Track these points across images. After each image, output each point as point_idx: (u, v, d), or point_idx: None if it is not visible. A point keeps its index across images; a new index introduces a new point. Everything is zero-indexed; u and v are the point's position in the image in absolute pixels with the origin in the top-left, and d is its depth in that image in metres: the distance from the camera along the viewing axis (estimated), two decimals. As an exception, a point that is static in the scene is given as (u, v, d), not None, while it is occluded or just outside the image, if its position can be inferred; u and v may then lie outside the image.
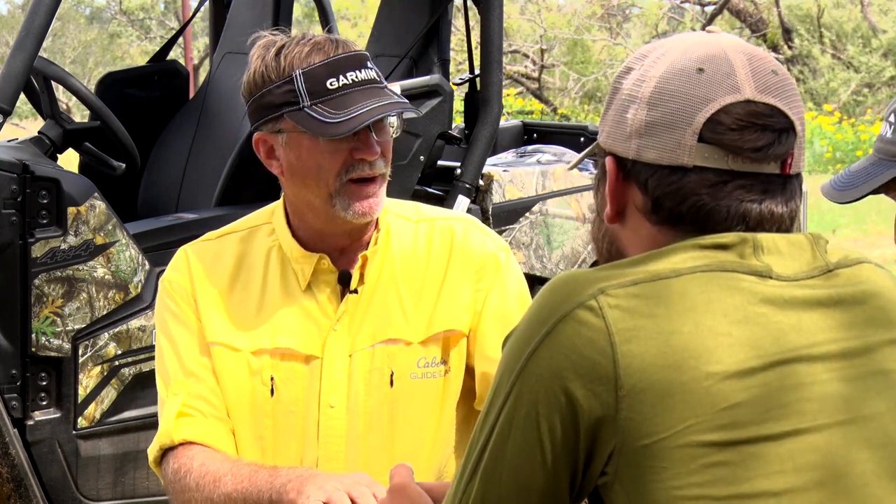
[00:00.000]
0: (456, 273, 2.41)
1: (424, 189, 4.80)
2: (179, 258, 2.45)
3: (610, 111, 1.66)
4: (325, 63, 2.31)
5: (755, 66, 1.62)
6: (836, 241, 11.11)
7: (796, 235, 1.63)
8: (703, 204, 1.59)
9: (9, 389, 4.17)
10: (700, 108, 1.59)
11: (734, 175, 1.59)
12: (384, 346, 2.37)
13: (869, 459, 1.56)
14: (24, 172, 4.15)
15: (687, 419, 1.49)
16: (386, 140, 2.36)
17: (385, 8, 5.45)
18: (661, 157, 1.60)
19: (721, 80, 1.60)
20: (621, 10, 23.93)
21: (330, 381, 2.37)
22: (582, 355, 1.51)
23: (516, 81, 21.96)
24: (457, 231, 2.44)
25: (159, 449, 2.39)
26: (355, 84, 2.31)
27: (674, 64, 1.62)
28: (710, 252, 1.57)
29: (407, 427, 2.38)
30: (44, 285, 4.16)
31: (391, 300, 2.39)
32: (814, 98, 20.49)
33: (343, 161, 2.32)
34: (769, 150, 1.59)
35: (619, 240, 1.67)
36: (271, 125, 2.35)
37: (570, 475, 1.54)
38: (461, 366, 2.41)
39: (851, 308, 1.60)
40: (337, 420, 2.37)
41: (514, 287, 2.44)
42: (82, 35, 29.82)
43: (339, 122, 2.29)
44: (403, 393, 2.37)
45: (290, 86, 2.31)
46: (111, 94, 5.30)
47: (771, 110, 1.60)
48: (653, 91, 1.62)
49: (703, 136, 1.59)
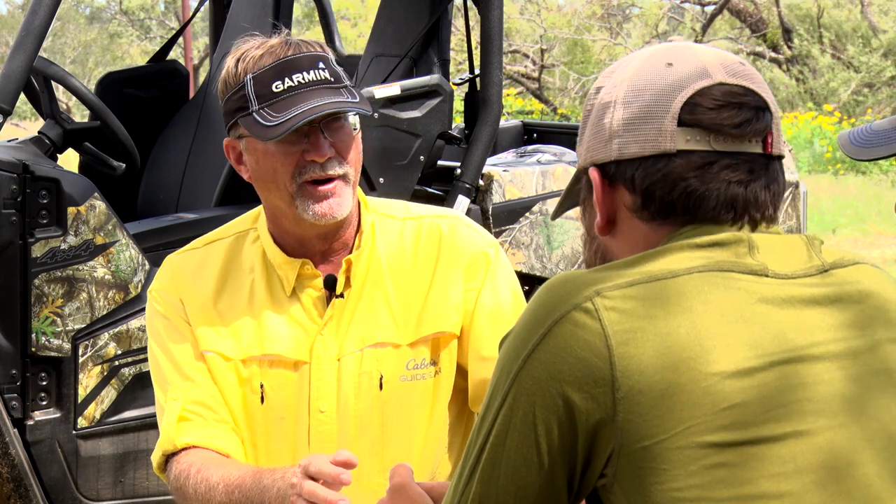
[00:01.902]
0: (444, 272, 2.40)
1: (424, 189, 4.80)
2: (165, 268, 2.46)
3: (586, 130, 1.68)
4: (272, 66, 2.31)
5: (722, 58, 1.65)
6: (836, 241, 11.11)
7: (790, 236, 1.63)
8: (693, 189, 1.60)
9: (9, 389, 4.16)
10: (675, 94, 1.62)
11: (719, 155, 1.60)
12: (372, 349, 2.36)
13: (871, 460, 1.56)
14: (24, 172, 4.14)
15: (686, 420, 1.48)
16: (342, 140, 2.33)
17: (385, 8, 5.45)
18: (644, 149, 1.61)
19: (691, 69, 1.63)
20: (621, 10, 23.93)
21: (319, 386, 2.36)
22: (578, 358, 1.51)
23: (516, 81, 21.96)
24: (444, 229, 2.43)
25: (162, 455, 2.39)
26: (301, 85, 2.30)
27: (642, 65, 1.65)
28: (706, 251, 1.57)
29: (397, 429, 2.37)
30: (44, 285, 4.16)
31: (378, 302, 2.38)
32: (814, 98, 20.49)
33: (295, 163, 2.32)
34: (748, 126, 1.61)
35: (612, 251, 1.67)
36: (234, 131, 2.37)
37: (567, 477, 1.54)
38: (452, 366, 2.40)
39: (850, 307, 1.60)
40: (327, 425, 2.37)
41: (506, 284, 2.42)
42: (82, 35, 29.83)
43: (276, 124, 2.28)
44: (393, 396, 2.36)
45: (243, 91, 2.32)
46: (111, 94, 5.30)
47: (744, 90, 1.63)
48: (626, 91, 1.64)
49: (683, 120, 1.61)
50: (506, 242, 4.92)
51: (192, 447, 2.36)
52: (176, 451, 2.37)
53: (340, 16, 24.19)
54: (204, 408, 2.37)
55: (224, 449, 2.36)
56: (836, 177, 15.45)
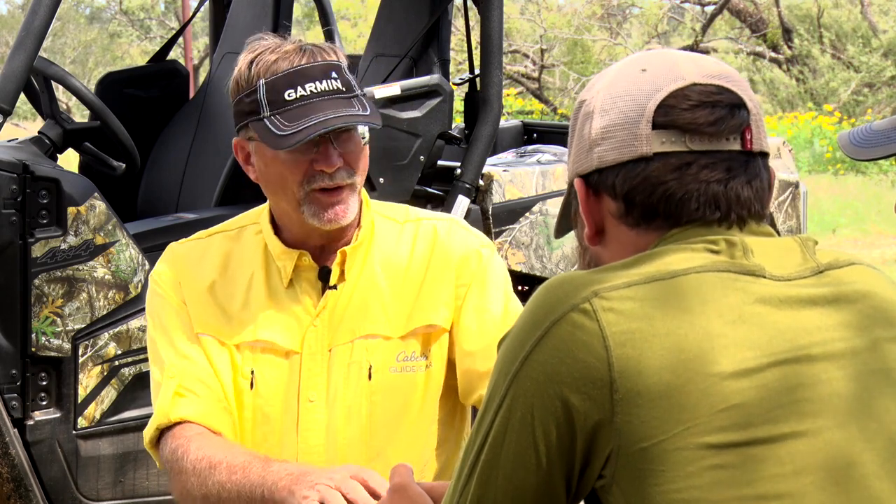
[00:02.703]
0: (437, 270, 2.43)
1: (424, 189, 4.80)
2: (167, 255, 2.50)
3: (572, 144, 1.69)
4: (286, 73, 2.34)
5: (698, 60, 1.66)
6: (836, 241, 11.10)
7: (784, 239, 1.64)
8: (672, 192, 1.60)
9: (9, 389, 4.16)
10: (649, 98, 1.62)
11: (696, 155, 1.60)
12: (363, 340, 2.40)
13: (871, 461, 1.55)
14: (24, 172, 4.14)
15: (685, 422, 1.48)
16: (351, 151, 2.37)
17: (385, 8, 5.45)
18: (623, 154, 1.62)
19: (665, 72, 1.63)
20: (621, 10, 23.93)
21: (309, 375, 2.40)
22: (576, 359, 1.51)
23: (516, 81, 21.96)
24: (440, 229, 2.47)
25: (156, 429, 2.40)
26: (314, 95, 2.33)
27: (618, 73, 1.67)
28: (702, 253, 1.57)
29: (385, 420, 2.40)
30: (44, 285, 4.16)
31: (372, 296, 2.41)
32: (814, 98, 20.49)
33: (304, 172, 2.35)
34: (723, 125, 1.61)
35: (604, 260, 1.67)
36: (244, 132, 2.40)
37: (565, 478, 1.54)
38: (443, 362, 2.43)
39: (848, 307, 1.60)
40: (317, 414, 2.40)
41: (497, 283, 2.45)
42: (82, 35, 29.83)
43: (288, 134, 2.32)
44: (382, 386, 2.39)
45: (255, 95, 2.35)
46: (111, 94, 5.30)
47: (719, 89, 1.63)
48: (602, 100, 1.65)
49: (657, 123, 1.61)
50: (506, 242, 4.92)
51: (187, 422, 2.38)
52: (170, 424, 2.38)
53: (340, 16, 24.18)
54: (200, 384, 2.39)
55: (217, 427, 2.38)
56: (836, 177, 15.45)
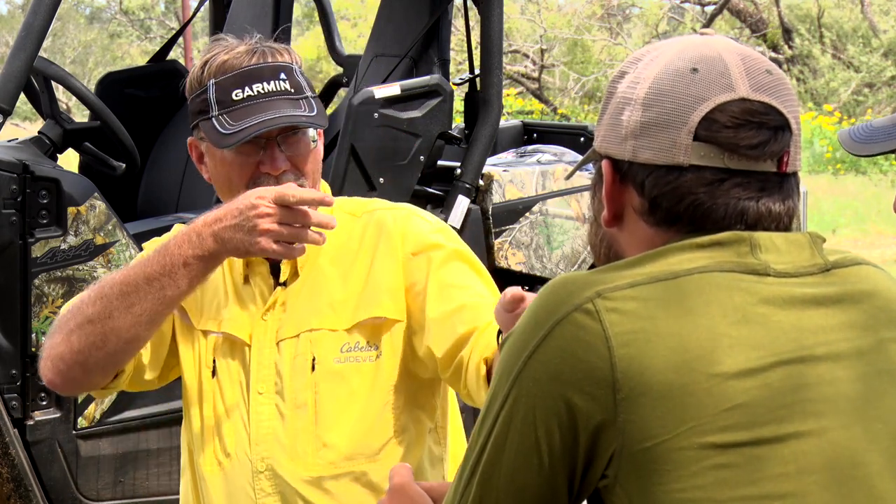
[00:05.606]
0: (383, 260, 2.43)
1: (424, 189, 4.80)
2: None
3: (605, 115, 1.67)
4: (236, 73, 2.37)
5: (749, 66, 1.62)
6: (836, 241, 11.11)
7: (795, 234, 1.62)
8: (701, 203, 1.59)
9: (9, 389, 4.17)
10: (695, 106, 1.59)
11: (731, 173, 1.59)
12: (308, 334, 2.44)
13: (875, 461, 1.55)
14: (24, 172, 4.15)
15: (688, 421, 1.48)
16: (299, 153, 2.40)
17: (385, 8, 5.45)
18: (658, 157, 1.60)
19: (715, 79, 1.60)
20: (621, 10, 23.93)
21: (258, 368, 2.45)
22: (579, 359, 1.50)
23: (516, 81, 21.96)
24: (389, 219, 2.47)
25: None
26: (260, 95, 2.36)
27: (668, 65, 1.63)
28: (708, 252, 1.57)
29: (331, 409, 2.42)
30: (44, 285, 4.16)
31: (320, 291, 2.44)
32: (814, 98, 20.49)
33: (250, 175, 2.39)
34: (765, 148, 1.59)
35: (618, 243, 1.67)
36: (196, 132, 2.44)
37: (568, 478, 1.54)
38: (395, 351, 2.44)
39: (853, 307, 1.59)
40: (265, 406, 2.44)
41: (454, 262, 2.42)
42: (82, 35, 29.83)
43: (230, 133, 2.35)
44: (325, 376, 2.42)
45: (205, 95, 2.39)
46: (111, 94, 5.30)
47: (766, 108, 1.60)
48: (647, 92, 1.62)
49: (699, 135, 1.59)
50: (506, 242, 4.92)
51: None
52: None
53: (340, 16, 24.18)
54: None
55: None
56: (835, 177, 15.46)
